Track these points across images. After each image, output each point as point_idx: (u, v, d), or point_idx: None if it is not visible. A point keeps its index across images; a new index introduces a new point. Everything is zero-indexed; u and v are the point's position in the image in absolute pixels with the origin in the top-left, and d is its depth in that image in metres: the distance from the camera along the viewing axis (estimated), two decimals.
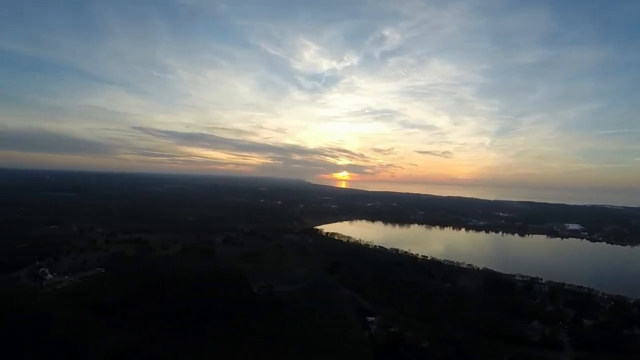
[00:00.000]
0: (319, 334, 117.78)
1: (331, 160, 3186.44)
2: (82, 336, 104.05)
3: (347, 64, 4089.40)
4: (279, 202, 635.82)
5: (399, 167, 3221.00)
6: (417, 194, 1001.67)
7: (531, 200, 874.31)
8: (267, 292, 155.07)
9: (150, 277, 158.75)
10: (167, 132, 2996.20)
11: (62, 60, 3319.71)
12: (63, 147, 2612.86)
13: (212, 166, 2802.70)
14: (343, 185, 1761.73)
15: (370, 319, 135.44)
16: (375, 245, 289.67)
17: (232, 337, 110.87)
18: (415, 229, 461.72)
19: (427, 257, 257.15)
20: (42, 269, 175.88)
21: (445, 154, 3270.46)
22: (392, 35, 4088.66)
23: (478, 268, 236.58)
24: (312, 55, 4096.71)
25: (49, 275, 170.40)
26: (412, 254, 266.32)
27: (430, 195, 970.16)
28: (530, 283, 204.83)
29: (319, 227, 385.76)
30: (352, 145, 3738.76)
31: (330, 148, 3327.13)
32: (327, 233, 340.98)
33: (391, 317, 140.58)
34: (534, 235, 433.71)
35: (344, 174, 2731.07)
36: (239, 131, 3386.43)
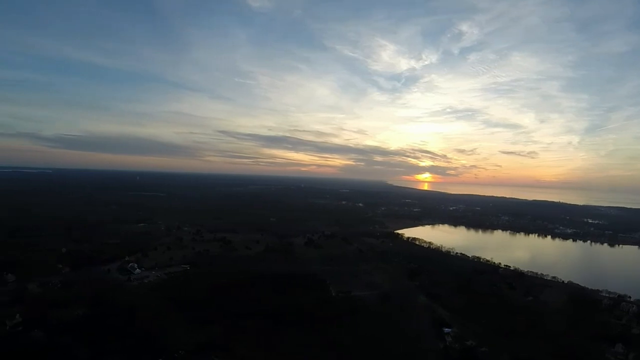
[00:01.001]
0: (393, 342, 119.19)
1: (413, 161, 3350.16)
2: (165, 328, 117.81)
3: (426, 62, 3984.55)
4: (360, 205, 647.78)
5: (482, 168, 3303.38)
6: (502, 197, 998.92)
7: (623, 205, 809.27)
8: (345, 296, 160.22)
9: (232, 275, 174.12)
10: (250, 135, 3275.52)
11: (148, 71, 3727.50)
12: (152, 150, 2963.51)
13: (295, 167, 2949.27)
14: (425, 187, 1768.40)
15: (446, 330, 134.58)
16: (456, 252, 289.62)
17: (306, 339, 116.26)
18: (499, 236, 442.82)
19: (509, 267, 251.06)
20: (131, 264, 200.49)
21: (531, 154, 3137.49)
22: (470, 30, 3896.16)
23: (562, 281, 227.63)
24: (390, 55, 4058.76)
25: (137, 270, 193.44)
26: (493, 263, 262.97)
27: (515, 198, 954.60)
28: (617, 301, 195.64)
29: (400, 231, 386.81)
30: (434, 146, 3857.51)
31: (412, 149, 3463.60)
32: (408, 238, 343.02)
33: (468, 329, 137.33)
34: (624, 246, 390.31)
35: (426, 176, 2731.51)
36: (320, 133, 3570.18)
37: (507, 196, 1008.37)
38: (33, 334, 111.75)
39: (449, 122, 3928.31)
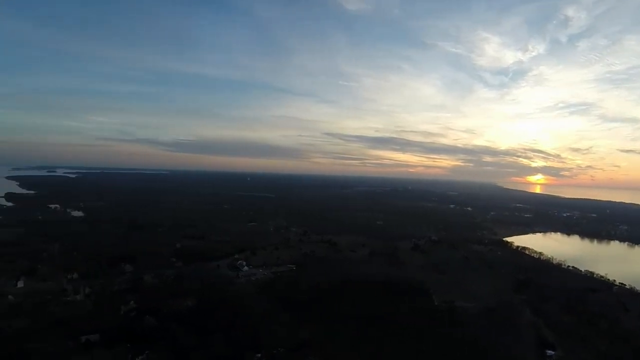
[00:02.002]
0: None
1: (524, 161, 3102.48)
2: (267, 325, 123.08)
3: (533, 53, 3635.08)
4: (469, 209, 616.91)
5: (599, 169, 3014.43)
6: (620, 202, 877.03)
7: None
8: (448, 307, 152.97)
9: (336, 278, 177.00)
10: (356, 136, 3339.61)
11: (254, 78, 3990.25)
12: (261, 152, 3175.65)
13: (402, 169, 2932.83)
14: (537, 189, 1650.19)
15: (549, 352, 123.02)
16: (568, 265, 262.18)
17: (403, 348, 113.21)
18: (616, 248, 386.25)
19: (624, 285, 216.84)
20: (240, 262, 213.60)
21: None
22: (576, 15, 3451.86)
23: None
24: (494, 49, 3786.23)
25: (245, 268, 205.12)
26: (608, 279, 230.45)
27: (635, 204, 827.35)
28: None
29: (508, 239, 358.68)
30: (547, 145, 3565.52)
31: (523, 148, 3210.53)
32: (517, 247, 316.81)
33: (573, 353, 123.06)
34: None
35: (538, 177, 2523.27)
36: (427, 133, 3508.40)
37: (627, 201, 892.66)
38: (145, 319, 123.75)
39: (561, 118, 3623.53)
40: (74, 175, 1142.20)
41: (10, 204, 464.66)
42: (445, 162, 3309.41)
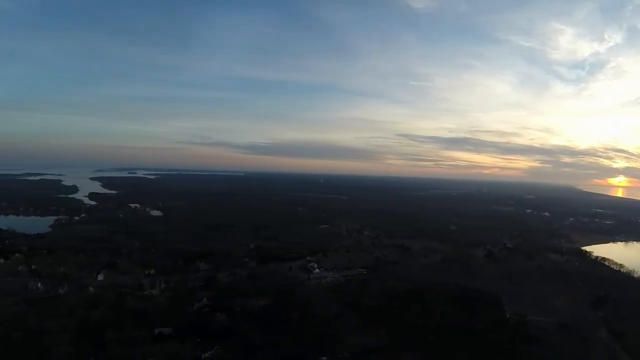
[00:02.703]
0: None
1: (605, 162, 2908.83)
2: (335, 329, 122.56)
3: (610, 43, 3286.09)
4: (546, 214, 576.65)
5: None
6: None
7: None
8: (520, 320, 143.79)
9: (407, 284, 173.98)
10: (430, 137, 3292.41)
11: (324, 81, 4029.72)
12: (333, 154, 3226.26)
13: (476, 170, 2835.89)
14: (619, 193, 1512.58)
15: None
16: None
17: None
18: None
19: None
20: (311, 264, 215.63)
21: None
22: None
23: None
24: (568, 40, 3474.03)
25: (316, 270, 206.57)
26: None
27: None
28: None
29: (587, 248, 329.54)
30: (629, 144, 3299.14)
31: (604, 148, 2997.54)
32: (596, 257, 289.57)
33: None
34: None
35: (620, 179, 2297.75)
36: (502, 133, 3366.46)
37: None
38: (217, 316, 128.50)
39: None
40: (153, 177, 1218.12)
41: (93, 202, 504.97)
42: (521, 163, 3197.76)
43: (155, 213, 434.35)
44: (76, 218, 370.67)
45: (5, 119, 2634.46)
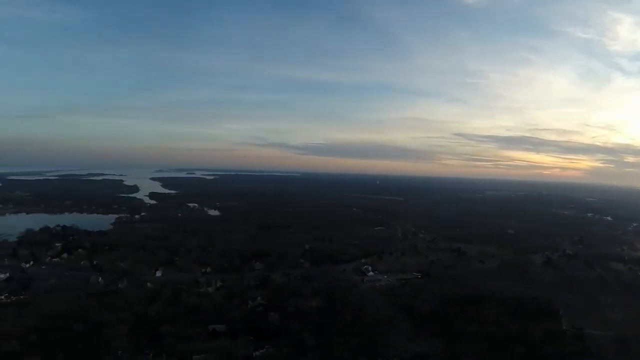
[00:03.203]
0: None
1: None
2: (387, 333, 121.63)
3: None
4: (608, 218, 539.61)
5: None
6: None
7: None
8: (576, 333, 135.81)
9: (461, 289, 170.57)
10: (487, 136, 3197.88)
11: (378, 81, 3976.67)
12: (389, 154, 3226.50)
13: (536, 171, 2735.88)
14: None
15: None
16: None
17: None
18: None
19: None
20: (365, 266, 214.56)
21: None
22: None
23: None
24: (628, 30, 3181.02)
25: (370, 273, 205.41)
26: None
27: None
28: None
29: None
30: None
31: None
32: None
33: None
34: None
35: None
36: (562, 131, 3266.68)
37: None
38: (270, 315, 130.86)
39: None
40: (210, 177, 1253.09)
41: (153, 202, 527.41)
42: (583, 162, 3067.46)
43: (213, 213, 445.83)
44: (137, 216, 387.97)
45: (70, 123, 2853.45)
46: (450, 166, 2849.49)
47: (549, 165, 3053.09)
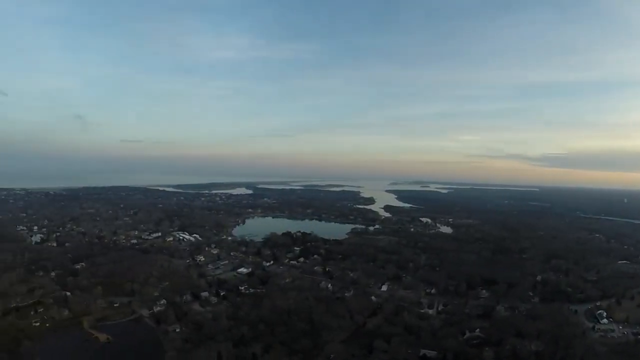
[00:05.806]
0: None
1: None
2: None
3: None
4: None
5: None
6: None
7: None
8: None
9: None
10: None
11: (622, 76, 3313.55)
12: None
13: None
14: None
15: None
16: None
17: None
18: None
19: None
20: (600, 311, 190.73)
21: None
22: None
23: None
24: None
25: (604, 320, 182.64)
26: None
27: None
28: None
29: None
30: None
31: None
32: None
33: None
34: None
35: None
36: None
37: None
38: (484, 351, 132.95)
39: None
40: (445, 191, 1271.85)
41: (387, 214, 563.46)
42: None
43: (445, 230, 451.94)
44: (371, 228, 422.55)
45: (310, 140, 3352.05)
46: None
47: None
